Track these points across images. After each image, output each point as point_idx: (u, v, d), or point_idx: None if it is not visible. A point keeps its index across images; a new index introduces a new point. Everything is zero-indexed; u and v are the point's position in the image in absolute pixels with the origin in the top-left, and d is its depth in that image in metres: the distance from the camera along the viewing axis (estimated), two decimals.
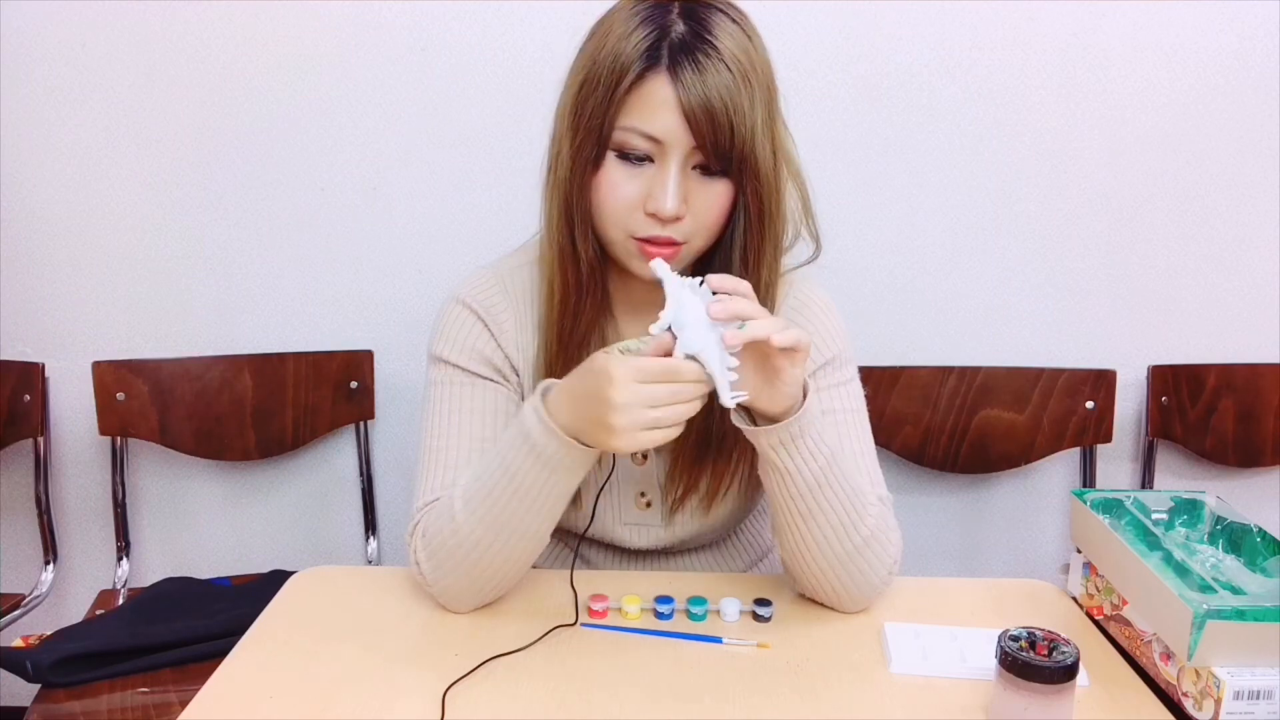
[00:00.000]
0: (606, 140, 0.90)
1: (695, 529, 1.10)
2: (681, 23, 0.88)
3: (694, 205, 0.91)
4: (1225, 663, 0.83)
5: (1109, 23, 1.60)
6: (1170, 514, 1.03)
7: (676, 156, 0.89)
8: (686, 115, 0.87)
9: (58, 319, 1.71)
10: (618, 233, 0.93)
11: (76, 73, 1.60)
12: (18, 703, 1.53)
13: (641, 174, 0.91)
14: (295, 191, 1.67)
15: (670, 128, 0.88)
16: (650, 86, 0.87)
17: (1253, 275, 1.72)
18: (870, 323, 1.73)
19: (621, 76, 0.87)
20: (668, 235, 0.91)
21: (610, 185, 0.91)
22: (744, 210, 0.93)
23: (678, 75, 0.86)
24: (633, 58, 0.87)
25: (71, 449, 1.76)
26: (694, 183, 0.91)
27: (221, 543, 1.82)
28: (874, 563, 0.97)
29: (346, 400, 1.72)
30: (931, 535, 1.83)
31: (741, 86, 0.87)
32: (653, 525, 1.10)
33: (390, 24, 1.60)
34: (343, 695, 0.88)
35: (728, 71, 0.87)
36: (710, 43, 0.87)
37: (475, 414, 1.01)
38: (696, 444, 1.02)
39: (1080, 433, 1.71)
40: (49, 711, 1.28)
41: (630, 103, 0.88)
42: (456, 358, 1.02)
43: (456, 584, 0.97)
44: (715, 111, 0.86)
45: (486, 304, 1.04)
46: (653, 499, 1.09)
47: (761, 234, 0.95)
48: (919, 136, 1.65)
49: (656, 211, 0.90)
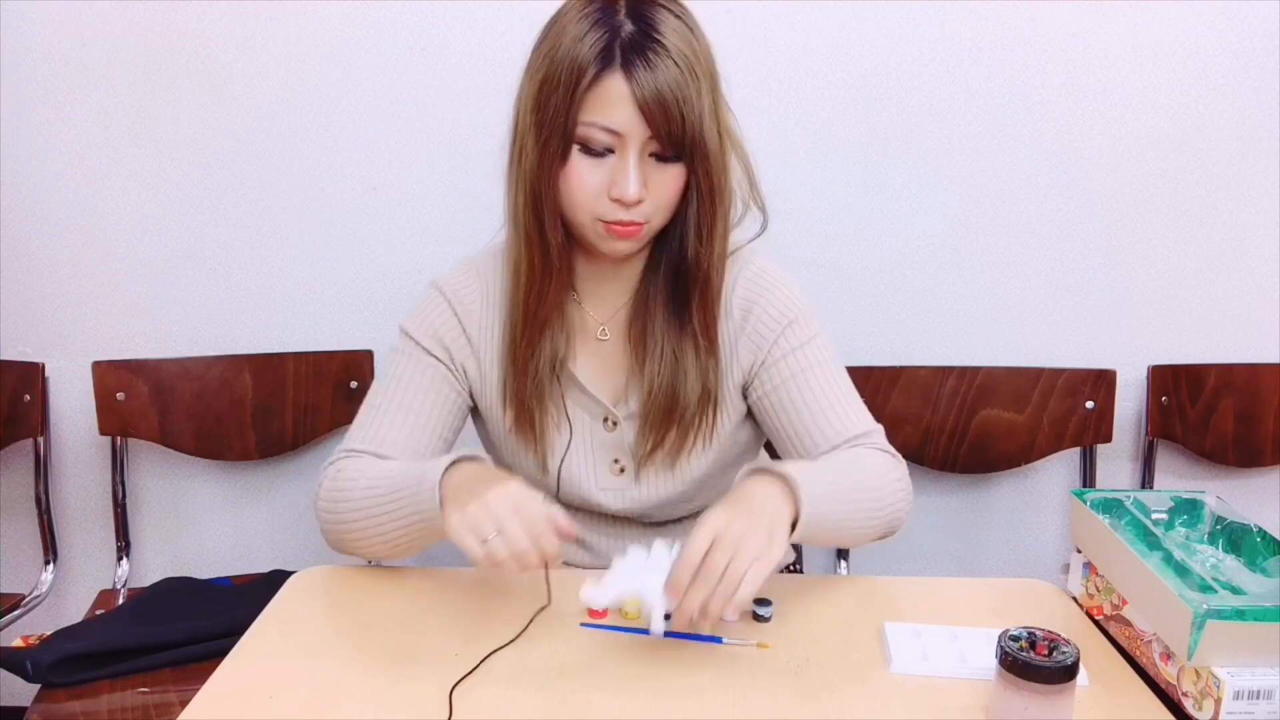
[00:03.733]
0: (571, 136, 0.98)
1: (668, 490, 1.15)
2: (630, 23, 0.96)
3: (652, 189, 1.00)
4: (1225, 663, 0.83)
5: (1109, 23, 1.60)
6: (1170, 514, 1.03)
7: (635, 146, 0.97)
8: (642, 109, 0.95)
9: (58, 319, 1.71)
10: (586, 218, 1.02)
11: (76, 73, 1.60)
12: (18, 703, 1.53)
13: (604, 164, 0.99)
14: (295, 191, 1.67)
15: (627, 121, 0.96)
16: (607, 85, 0.95)
17: (1253, 275, 1.72)
18: (870, 323, 1.73)
19: (580, 77, 0.95)
20: (631, 218, 1.00)
21: (577, 177, 0.99)
22: (696, 189, 1.02)
23: (631, 74, 0.94)
24: (589, 59, 0.95)
25: (71, 449, 1.76)
26: (651, 168, 1.00)
27: (221, 543, 1.82)
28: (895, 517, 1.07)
29: (346, 400, 1.71)
30: (931, 535, 1.83)
31: (689, 79, 0.95)
32: (627, 489, 1.16)
33: (390, 24, 1.60)
34: (343, 695, 0.88)
35: (675, 66, 0.95)
36: (658, 40, 0.95)
37: (412, 386, 1.12)
38: (662, 403, 1.09)
39: (1080, 433, 1.71)
40: (49, 711, 1.28)
41: (589, 101, 0.96)
42: (416, 334, 1.13)
43: (336, 535, 1.07)
44: (668, 104, 0.95)
45: (457, 288, 1.14)
46: (626, 465, 1.15)
47: (713, 210, 1.04)
48: (919, 136, 1.65)
49: (620, 198, 0.98)
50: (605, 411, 1.13)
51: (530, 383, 1.09)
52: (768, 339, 1.10)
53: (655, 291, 1.09)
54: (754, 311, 1.11)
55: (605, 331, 1.13)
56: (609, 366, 1.14)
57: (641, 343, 1.10)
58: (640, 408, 1.10)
